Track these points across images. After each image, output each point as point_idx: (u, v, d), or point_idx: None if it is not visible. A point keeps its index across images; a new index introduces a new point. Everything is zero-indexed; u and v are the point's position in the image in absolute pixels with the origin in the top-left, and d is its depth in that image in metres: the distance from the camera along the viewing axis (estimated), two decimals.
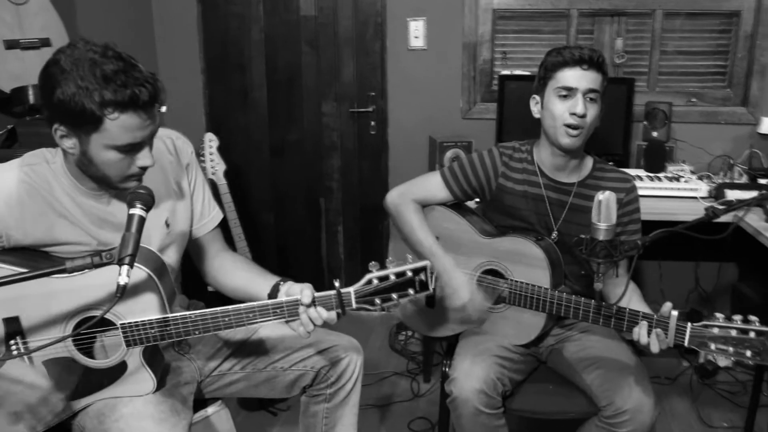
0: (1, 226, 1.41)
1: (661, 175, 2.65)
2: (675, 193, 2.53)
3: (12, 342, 1.42)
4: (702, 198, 2.48)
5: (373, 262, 1.49)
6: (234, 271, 1.72)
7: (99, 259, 1.20)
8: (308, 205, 3.42)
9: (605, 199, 1.48)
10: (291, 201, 3.43)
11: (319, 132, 3.29)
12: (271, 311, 1.47)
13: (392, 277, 1.46)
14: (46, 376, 1.44)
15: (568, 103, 1.75)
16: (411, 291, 1.47)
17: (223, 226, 1.83)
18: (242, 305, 1.47)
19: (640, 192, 2.44)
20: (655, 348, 1.55)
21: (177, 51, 3.25)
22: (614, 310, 1.62)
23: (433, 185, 1.99)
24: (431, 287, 1.50)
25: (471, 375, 1.76)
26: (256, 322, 1.47)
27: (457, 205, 2.01)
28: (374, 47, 3.12)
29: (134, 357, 1.47)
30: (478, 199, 2.04)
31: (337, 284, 1.47)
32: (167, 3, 3.23)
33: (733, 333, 1.44)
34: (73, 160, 1.39)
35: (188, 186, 1.66)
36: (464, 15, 2.98)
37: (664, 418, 2.55)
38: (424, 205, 2.00)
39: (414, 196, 1.99)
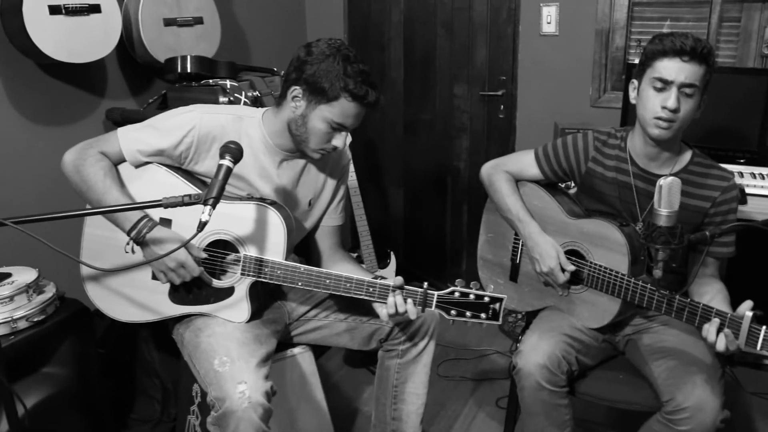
0: (185, 155, 1.73)
1: None
2: None
3: None
4: None
5: (459, 279, 1.69)
6: (342, 263, 1.95)
7: (189, 198, 1.44)
8: (436, 182, 3.54)
9: (667, 184, 1.46)
10: (420, 177, 3.57)
11: (450, 113, 3.40)
12: (365, 287, 1.69)
13: (472, 297, 1.65)
14: None
15: (661, 95, 1.67)
16: (483, 315, 1.66)
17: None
18: (344, 273, 1.70)
19: (766, 192, 2.30)
20: (721, 347, 1.51)
21: (324, 30, 3.52)
22: (687, 303, 1.59)
23: (525, 162, 2.03)
24: (500, 320, 1.67)
25: (536, 349, 1.80)
26: (350, 293, 1.69)
27: (548, 184, 2.04)
28: (506, 32, 3.15)
29: (242, 286, 1.73)
30: (572, 184, 2.06)
31: (425, 285, 1.68)
32: None
33: None
34: (286, 117, 1.73)
35: (337, 183, 1.94)
36: (598, 1, 2.91)
37: None
38: (516, 180, 2.05)
39: (506, 168, 2.05)
